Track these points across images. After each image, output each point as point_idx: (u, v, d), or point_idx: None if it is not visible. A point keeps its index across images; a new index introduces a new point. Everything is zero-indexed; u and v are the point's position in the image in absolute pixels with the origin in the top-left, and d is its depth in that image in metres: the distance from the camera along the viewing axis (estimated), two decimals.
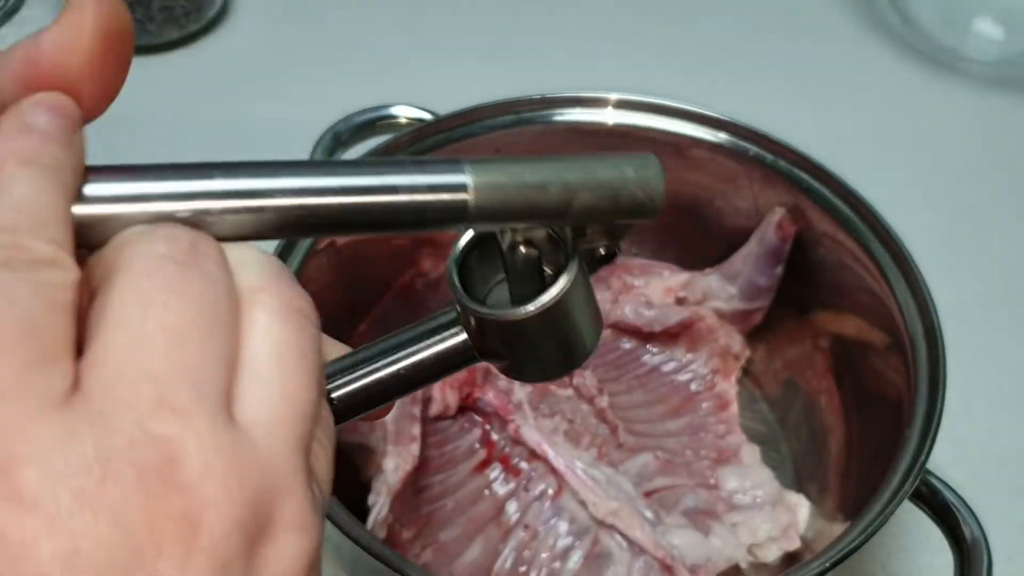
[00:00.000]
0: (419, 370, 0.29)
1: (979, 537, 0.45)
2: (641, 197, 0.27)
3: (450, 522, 0.53)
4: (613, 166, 0.27)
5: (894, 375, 0.50)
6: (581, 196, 0.25)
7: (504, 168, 0.25)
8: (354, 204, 0.23)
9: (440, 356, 0.29)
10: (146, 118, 0.85)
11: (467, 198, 0.24)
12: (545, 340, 0.28)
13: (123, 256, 0.21)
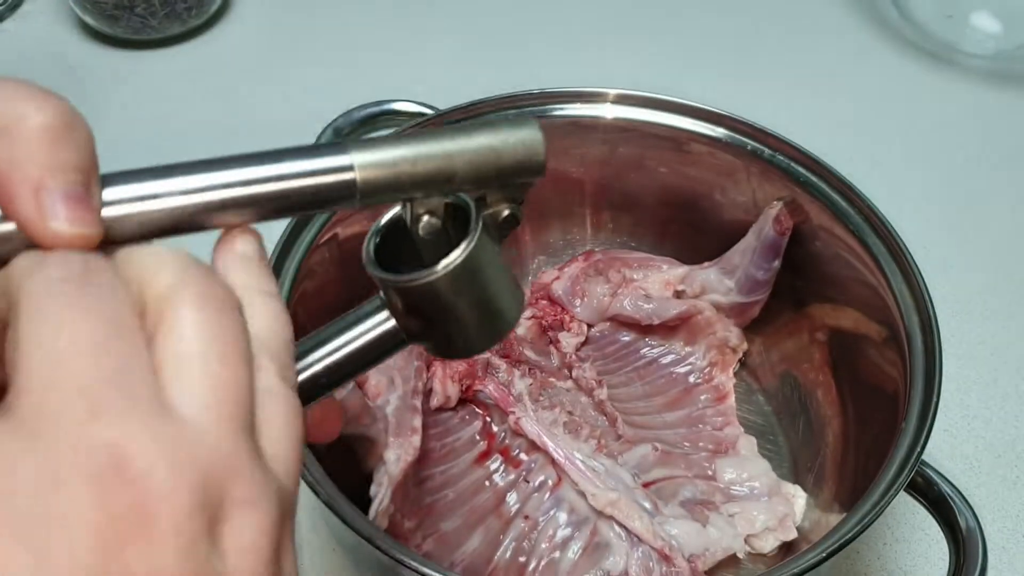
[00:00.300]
0: (351, 361, 0.29)
1: (974, 528, 0.46)
2: (523, 155, 0.28)
3: (451, 512, 0.54)
4: (491, 130, 0.28)
5: (890, 368, 0.51)
6: (463, 162, 0.27)
7: (386, 146, 0.26)
8: (248, 195, 0.26)
9: (370, 343, 0.29)
10: (147, 113, 0.86)
11: (353, 177, 0.26)
12: (460, 304, 0.29)
13: (23, 287, 0.21)
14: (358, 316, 0.30)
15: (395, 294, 0.29)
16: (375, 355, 0.30)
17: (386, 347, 0.30)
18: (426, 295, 0.28)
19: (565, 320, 0.64)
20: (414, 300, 0.28)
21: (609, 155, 0.62)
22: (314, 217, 0.53)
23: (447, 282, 0.28)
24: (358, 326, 0.29)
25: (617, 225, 0.67)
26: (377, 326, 0.29)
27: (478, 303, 0.29)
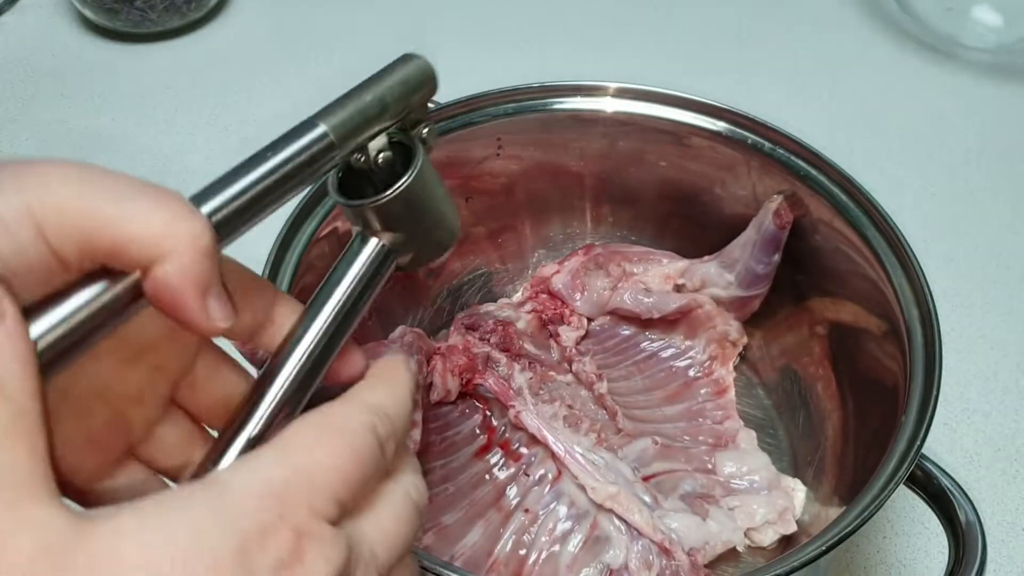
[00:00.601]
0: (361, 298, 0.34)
1: (974, 521, 0.46)
2: (422, 78, 0.37)
3: (451, 506, 0.54)
4: (394, 71, 0.37)
5: (890, 361, 0.51)
6: (389, 98, 0.35)
7: (338, 105, 0.34)
8: (264, 189, 0.32)
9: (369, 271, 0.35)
10: (147, 105, 0.85)
11: (330, 138, 0.33)
12: (427, 201, 0.36)
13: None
14: (349, 258, 0.35)
15: (373, 214, 0.35)
16: (376, 281, 0.35)
17: (381, 268, 0.35)
18: (403, 200, 0.35)
19: (565, 314, 0.64)
20: (393, 210, 0.35)
21: (609, 149, 0.62)
22: (315, 210, 0.54)
23: (416, 183, 0.35)
24: (353, 264, 0.35)
25: (617, 219, 0.67)
26: (370, 254, 0.35)
27: (438, 198, 0.36)
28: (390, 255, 0.36)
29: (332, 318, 0.33)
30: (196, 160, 0.80)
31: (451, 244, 0.38)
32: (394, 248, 0.36)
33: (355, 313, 0.34)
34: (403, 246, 0.36)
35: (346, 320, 0.34)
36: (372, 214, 0.35)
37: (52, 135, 0.82)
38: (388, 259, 0.36)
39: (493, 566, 0.52)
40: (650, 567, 0.50)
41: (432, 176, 0.36)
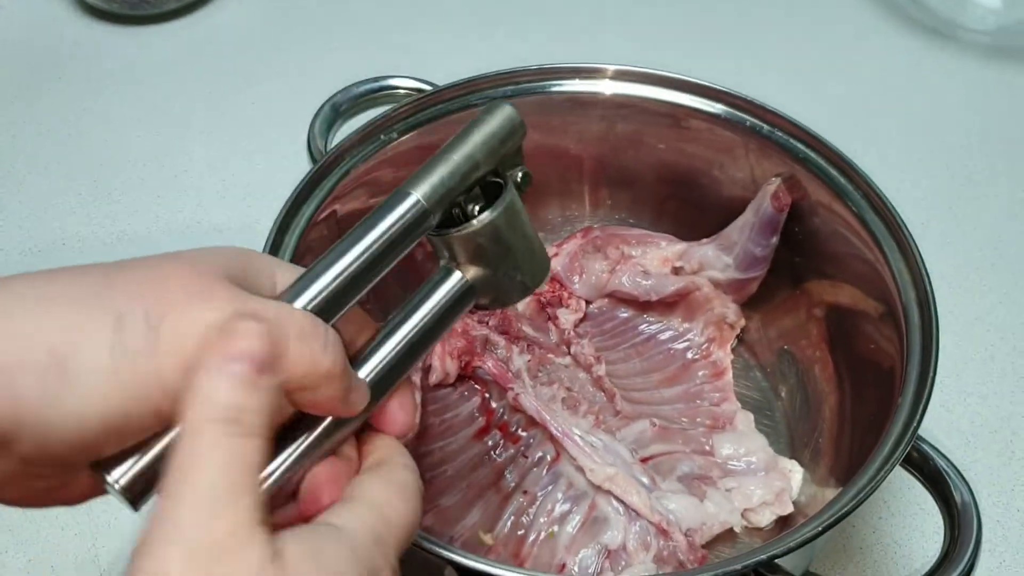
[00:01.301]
0: (435, 327, 0.36)
1: (969, 502, 0.46)
2: (510, 127, 0.37)
3: (450, 488, 0.54)
4: (482, 123, 0.37)
5: (887, 343, 0.51)
6: (480, 153, 0.36)
7: (429, 171, 0.35)
8: (364, 267, 0.33)
9: (448, 305, 0.36)
10: (145, 87, 0.85)
11: (424, 207, 0.34)
12: (514, 238, 0.37)
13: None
14: (430, 288, 0.36)
15: (459, 244, 0.36)
16: (453, 314, 0.36)
17: (461, 303, 0.36)
18: (490, 234, 0.36)
19: (563, 297, 0.64)
20: (480, 243, 0.36)
21: (607, 131, 0.62)
22: (314, 193, 0.54)
23: (504, 218, 0.36)
24: (433, 295, 0.36)
25: (615, 202, 0.67)
26: (452, 287, 0.36)
27: (526, 237, 0.37)
28: (471, 290, 0.36)
29: (404, 344, 0.34)
30: (194, 142, 0.80)
31: (534, 288, 0.39)
32: (475, 285, 0.36)
33: (427, 343, 0.35)
34: (485, 284, 0.37)
35: (416, 348, 0.35)
36: (458, 245, 0.36)
37: (49, 117, 0.82)
38: (468, 295, 0.36)
39: (492, 547, 0.52)
40: (648, 548, 0.50)
41: (522, 216, 0.37)
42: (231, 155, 0.79)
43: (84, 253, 0.71)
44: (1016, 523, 0.58)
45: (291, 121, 0.77)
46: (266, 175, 0.77)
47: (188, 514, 0.26)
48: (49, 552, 0.55)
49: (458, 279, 0.36)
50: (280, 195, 0.53)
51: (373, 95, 0.63)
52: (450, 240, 0.36)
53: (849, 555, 0.56)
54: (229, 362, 0.28)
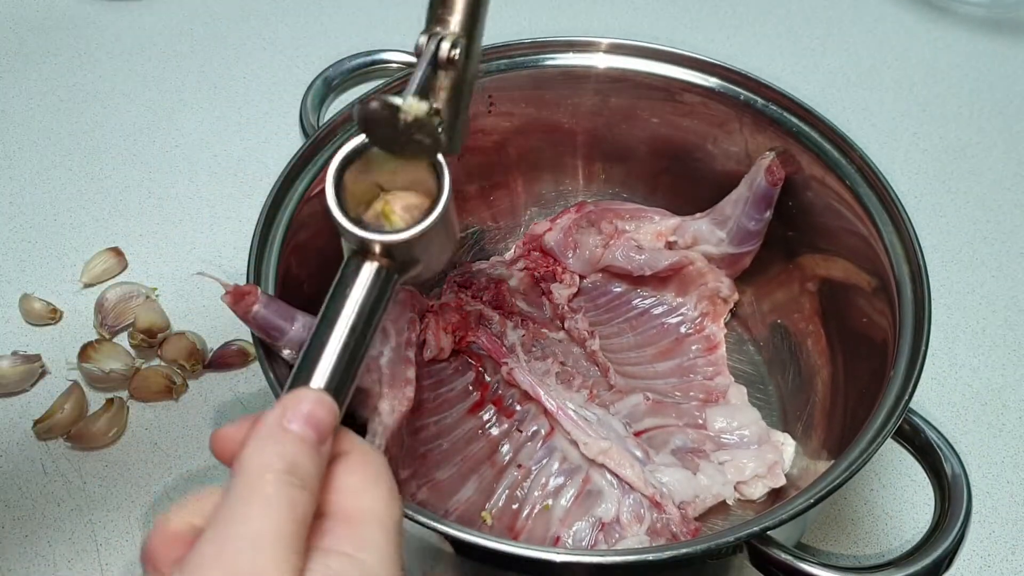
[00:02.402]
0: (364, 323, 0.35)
1: (960, 474, 0.46)
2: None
3: (445, 462, 0.54)
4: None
5: (880, 317, 0.51)
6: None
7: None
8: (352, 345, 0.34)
9: (371, 296, 0.35)
10: (135, 62, 0.84)
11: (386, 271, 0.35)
12: (442, 235, 0.37)
13: None
14: (343, 286, 0.35)
15: (384, 247, 0.35)
16: (380, 304, 0.36)
17: (384, 291, 0.36)
18: (420, 239, 0.35)
19: (557, 271, 0.64)
20: (405, 247, 0.35)
21: (601, 105, 0.62)
22: (306, 168, 0.53)
23: (440, 222, 0.35)
24: (351, 291, 0.35)
25: (609, 176, 0.67)
26: (370, 279, 0.35)
27: (448, 228, 0.37)
28: (392, 277, 0.36)
29: (345, 350, 0.34)
30: (186, 117, 0.80)
31: (440, 269, 0.39)
32: (394, 271, 0.36)
33: (363, 343, 0.35)
34: (403, 270, 0.36)
35: (355, 353, 0.35)
36: (377, 244, 0.35)
37: (38, 90, 0.81)
38: (390, 282, 0.36)
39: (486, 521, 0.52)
40: (641, 520, 0.51)
41: (452, 213, 0.37)
42: (223, 130, 0.79)
43: (76, 228, 0.71)
44: (1005, 495, 0.59)
45: (283, 95, 0.77)
46: (258, 150, 0.76)
47: (236, 546, 0.28)
48: (46, 527, 0.55)
49: (374, 271, 0.36)
50: (272, 170, 0.52)
51: (365, 69, 0.62)
52: (368, 241, 0.35)
53: (841, 527, 0.57)
54: (300, 424, 0.31)
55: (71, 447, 0.59)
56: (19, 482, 0.57)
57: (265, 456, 0.30)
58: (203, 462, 0.59)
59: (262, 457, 0.30)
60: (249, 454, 0.30)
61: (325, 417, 0.32)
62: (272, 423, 0.31)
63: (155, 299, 0.66)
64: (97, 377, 0.61)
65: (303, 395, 0.32)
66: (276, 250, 0.50)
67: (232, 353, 0.63)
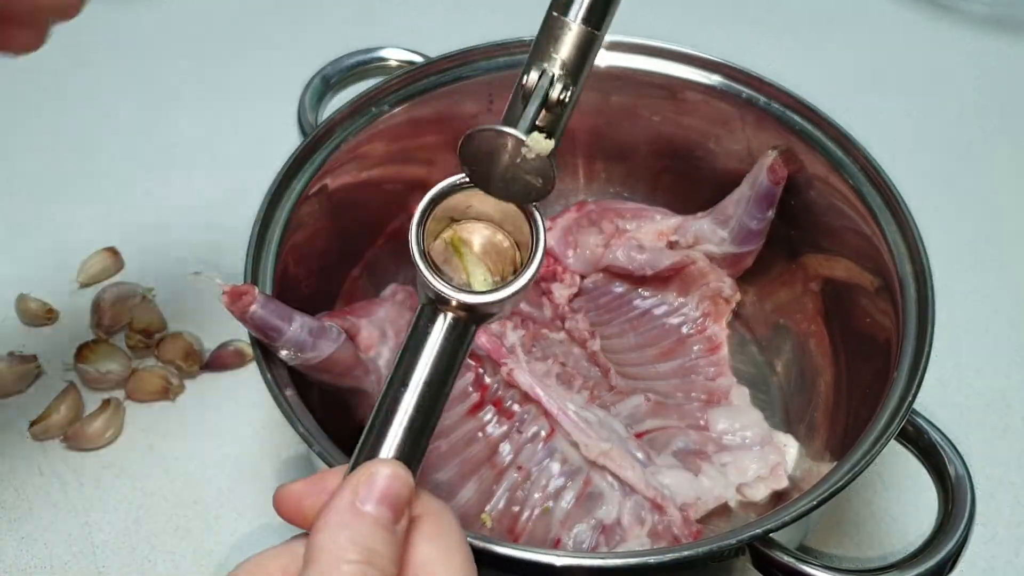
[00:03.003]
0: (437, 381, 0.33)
1: (963, 475, 0.46)
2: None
3: (444, 464, 0.54)
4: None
5: (883, 317, 0.51)
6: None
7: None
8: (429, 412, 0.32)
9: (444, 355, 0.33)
10: (131, 60, 0.84)
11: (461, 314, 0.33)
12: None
13: None
14: (416, 340, 0.33)
15: (467, 305, 0.33)
16: (456, 359, 0.34)
17: (460, 345, 0.34)
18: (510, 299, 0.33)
19: (558, 271, 0.63)
20: (496, 306, 0.34)
21: (602, 104, 0.61)
22: (304, 167, 0.53)
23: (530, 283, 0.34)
24: (425, 346, 0.33)
25: (610, 175, 0.66)
26: (444, 332, 0.33)
27: None
28: (470, 329, 0.34)
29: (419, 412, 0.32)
30: (183, 115, 0.79)
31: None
32: (472, 323, 0.34)
33: (439, 400, 0.33)
34: (482, 320, 0.34)
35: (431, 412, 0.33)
36: (462, 305, 0.33)
37: (34, 90, 0.81)
38: (468, 334, 0.34)
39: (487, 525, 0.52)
40: (642, 523, 0.50)
41: None
42: (220, 128, 0.78)
43: (72, 228, 0.70)
44: (1009, 496, 0.59)
45: (281, 94, 0.76)
46: (256, 148, 0.76)
47: None
48: (42, 529, 0.55)
49: (449, 324, 0.34)
50: (270, 168, 0.52)
51: (364, 67, 0.62)
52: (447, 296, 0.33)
53: (844, 529, 0.56)
54: (375, 504, 0.29)
55: (67, 448, 0.58)
56: (15, 483, 0.57)
57: (339, 545, 0.28)
58: (199, 463, 0.58)
59: (336, 546, 0.28)
60: (321, 543, 0.29)
61: (401, 491, 0.30)
62: (345, 505, 0.29)
63: (152, 299, 0.65)
64: (93, 378, 0.60)
65: (377, 470, 0.30)
66: (274, 250, 0.50)
67: (229, 354, 0.62)
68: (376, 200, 0.60)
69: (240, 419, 0.60)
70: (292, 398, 0.44)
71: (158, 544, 0.54)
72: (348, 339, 0.50)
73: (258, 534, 0.55)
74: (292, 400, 0.44)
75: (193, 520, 0.56)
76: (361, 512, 0.29)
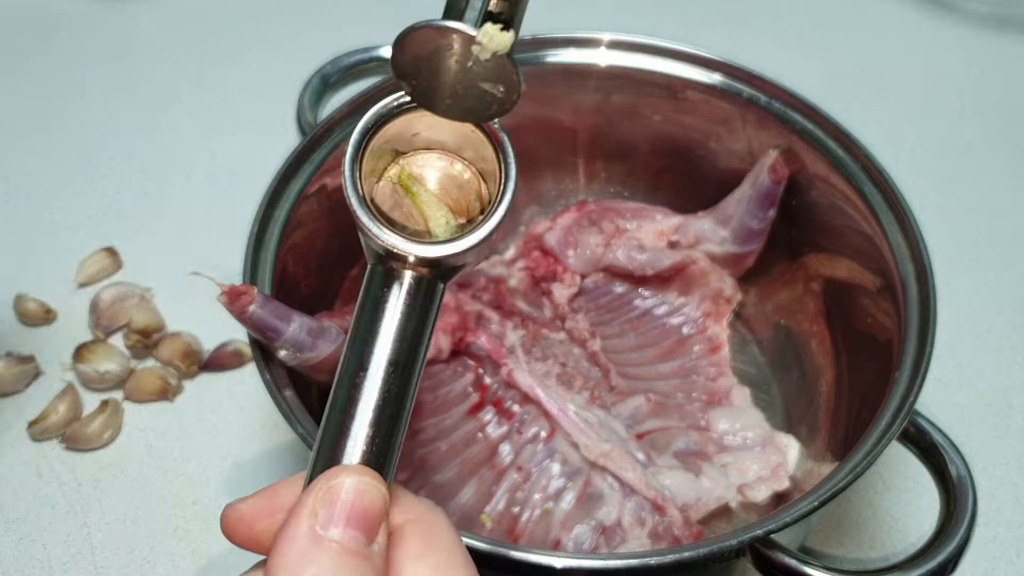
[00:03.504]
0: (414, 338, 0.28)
1: (965, 476, 0.46)
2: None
3: (444, 464, 0.54)
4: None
5: (885, 317, 0.51)
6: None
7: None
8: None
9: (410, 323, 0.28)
10: (132, 60, 0.84)
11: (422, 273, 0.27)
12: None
13: None
14: (371, 310, 0.27)
15: (430, 260, 0.27)
16: (425, 328, 0.28)
17: (428, 310, 0.28)
18: (480, 246, 0.28)
19: (558, 271, 0.63)
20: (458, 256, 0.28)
21: (603, 103, 0.61)
22: (303, 166, 0.53)
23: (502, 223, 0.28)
24: (383, 316, 0.27)
25: (610, 174, 0.66)
26: (405, 295, 0.28)
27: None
28: (436, 287, 0.28)
29: (380, 399, 0.27)
30: (182, 115, 0.79)
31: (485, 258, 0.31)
32: (437, 278, 0.28)
33: (411, 383, 0.28)
34: (448, 276, 0.29)
35: (401, 398, 0.27)
36: (423, 259, 0.28)
37: (35, 90, 0.81)
38: (435, 294, 0.28)
39: (486, 524, 0.52)
40: (643, 524, 0.50)
41: None
42: (219, 128, 0.78)
43: (71, 228, 0.70)
44: (1010, 497, 0.58)
45: (280, 93, 0.76)
46: (255, 148, 0.76)
47: None
48: (40, 530, 0.55)
49: (411, 282, 0.28)
50: (269, 168, 0.52)
51: (363, 66, 0.61)
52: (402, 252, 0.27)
53: (845, 530, 0.56)
54: (340, 528, 0.24)
55: (66, 449, 0.58)
56: (13, 484, 0.57)
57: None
58: (198, 464, 0.58)
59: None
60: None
61: (371, 505, 0.25)
62: (303, 533, 0.24)
63: (150, 299, 0.65)
64: (92, 378, 0.60)
65: (337, 483, 0.25)
66: (272, 249, 0.49)
67: (228, 354, 0.62)
68: None
69: (239, 420, 0.60)
70: (291, 399, 0.44)
71: (157, 545, 0.54)
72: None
73: None
74: (291, 401, 0.44)
75: (192, 521, 0.55)
76: (323, 540, 0.24)
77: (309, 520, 0.24)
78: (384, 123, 0.28)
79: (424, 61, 0.26)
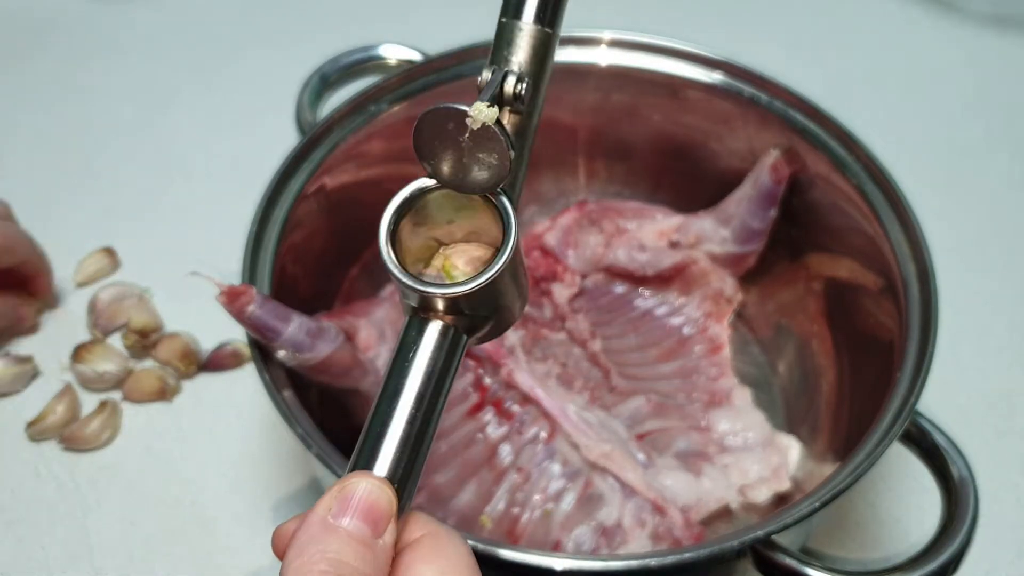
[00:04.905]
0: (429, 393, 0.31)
1: (967, 477, 0.46)
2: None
3: (443, 465, 0.54)
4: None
5: (886, 318, 0.50)
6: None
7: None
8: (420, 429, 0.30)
9: (440, 362, 0.32)
10: (130, 61, 0.84)
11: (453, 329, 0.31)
12: (509, 284, 0.32)
13: None
14: (405, 351, 0.31)
15: (448, 302, 0.31)
16: (449, 370, 0.32)
17: (453, 354, 0.32)
18: (487, 288, 0.31)
19: (558, 271, 0.63)
20: (475, 300, 0.31)
21: (603, 102, 0.61)
22: (302, 166, 0.52)
23: (508, 269, 0.31)
24: (415, 357, 0.31)
25: (611, 174, 0.66)
26: (435, 341, 0.32)
27: (517, 277, 0.33)
28: (460, 339, 0.32)
29: (414, 429, 0.30)
30: (181, 115, 0.79)
31: (514, 322, 0.35)
32: (462, 331, 0.32)
33: (432, 415, 0.31)
34: (472, 329, 0.33)
35: (424, 428, 0.31)
36: (440, 300, 0.31)
37: (30, 89, 0.81)
38: (459, 344, 0.32)
39: (485, 525, 0.52)
40: (643, 525, 0.50)
41: (520, 255, 0.33)
42: (218, 128, 0.78)
43: (69, 228, 0.70)
44: (1012, 498, 0.58)
45: (279, 92, 0.76)
46: (254, 148, 0.75)
47: None
48: (38, 531, 0.55)
49: (439, 332, 0.32)
50: (268, 168, 0.52)
51: (362, 65, 0.61)
52: (430, 297, 0.31)
53: (846, 531, 0.56)
54: (350, 517, 0.27)
55: (64, 449, 0.58)
56: (11, 485, 0.56)
57: (308, 558, 0.26)
58: (197, 464, 0.58)
59: (303, 559, 0.26)
60: (289, 559, 0.27)
61: (378, 503, 0.28)
62: (316, 519, 0.27)
63: (149, 299, 0.65)
64: (90, 378, 0.60)
65: (353, 483, 0.28)
66: (271, 249, 0.49)
67: (227, 354, 0.62)
68: (375, 199, 0.58)
69: (238, 420, 0.60)
70: (290, 399, 0.44)
71: (155, 546, 0.54)
72: (346, 339, 0.50)
73: (255, 536, 0.55)
74: (290, 401, 0.44)
75: (190, 522, 0.55)
76: (332, 526, 0.27)
77: (323, 512, 0.28)
78: (411, 205, 0.33)
79: (437, 140, 0.31)
